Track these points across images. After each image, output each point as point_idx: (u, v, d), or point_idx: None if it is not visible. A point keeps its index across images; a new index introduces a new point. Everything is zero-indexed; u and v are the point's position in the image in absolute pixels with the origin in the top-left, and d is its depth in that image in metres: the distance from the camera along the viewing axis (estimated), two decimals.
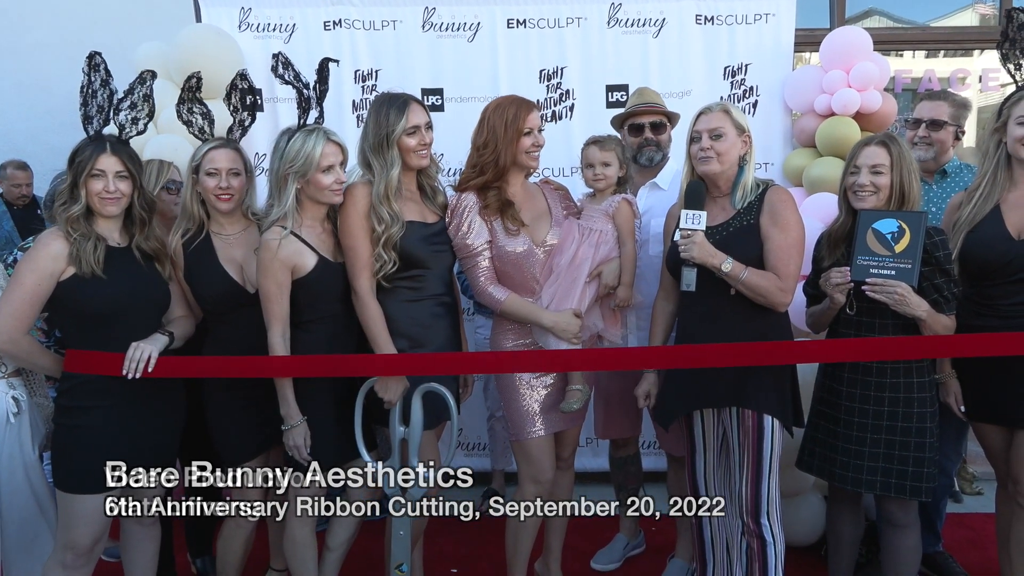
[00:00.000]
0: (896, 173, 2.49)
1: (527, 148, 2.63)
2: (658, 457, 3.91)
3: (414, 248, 2.55)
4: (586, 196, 2.95)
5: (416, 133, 2.56)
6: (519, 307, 2.66)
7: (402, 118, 2.52)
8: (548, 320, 2.62)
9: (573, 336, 2.63)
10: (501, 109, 2.63)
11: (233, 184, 2.57)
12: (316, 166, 2.45)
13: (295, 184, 2.47)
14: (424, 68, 4.07)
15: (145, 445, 2.46)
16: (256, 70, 3.98)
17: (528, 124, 2.62)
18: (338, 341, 2.55)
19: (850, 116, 3.72)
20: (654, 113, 3.15)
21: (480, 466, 4.27)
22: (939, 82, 5.45)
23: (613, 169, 2.85)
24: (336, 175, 2.49)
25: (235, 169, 2.58)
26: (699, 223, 2.48)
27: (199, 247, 2.60)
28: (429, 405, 2.53)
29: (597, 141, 2.87)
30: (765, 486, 2.53)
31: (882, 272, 2.42)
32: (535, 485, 2.73)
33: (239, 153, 2.62)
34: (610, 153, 2.84)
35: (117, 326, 2.39)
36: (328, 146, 2.48)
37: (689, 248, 2.46)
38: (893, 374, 2.51)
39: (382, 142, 2.53)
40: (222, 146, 2.60)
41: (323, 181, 2.47)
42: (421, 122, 2.56)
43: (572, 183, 3.11)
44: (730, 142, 2.52)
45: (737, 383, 2.51)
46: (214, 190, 2.56)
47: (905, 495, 2.52)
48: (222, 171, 2.56)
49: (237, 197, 2.60)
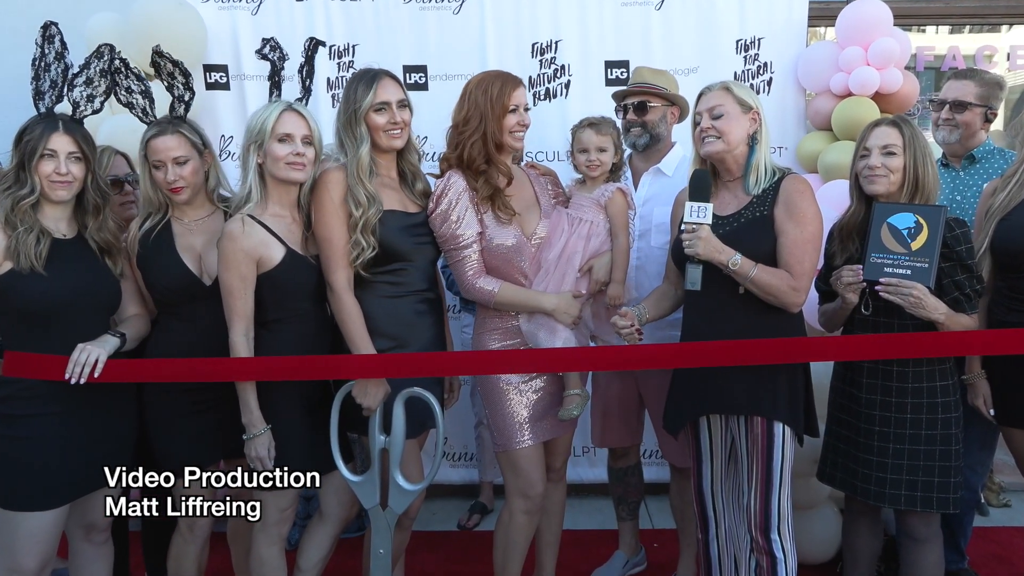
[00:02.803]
0: (909, 155, 2.51)
1: (511, 127, 2.63)
2: (661, 467, 3.93)
3: (395, 239, 2.55)
4: (576, 182, 2.95)
5: (385, 110, 2.55)
6: (515, 295, 2.66)
7: (369, 93, 2.52)
8: (550, 303, 2.63)
9: (574, 320, 2.64)
10: (485, 84, 2.62)
11: (183, 173, 2.53)
12: (271, 133, 2.44)
13: (255, 158, 2.47)
14: (406, 43, 4.05)
15: (95, 457, 2.45)
16: (221, 44, 3.98)
17: (514, 100, 2.62)
18: (307, 342, 2.54)
19: (868, 96, 3.73)
20: (641, 94, 3.14)
21: (467, 478, 4.29)
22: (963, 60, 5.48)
23: (609, 155, 2.84)
24: (293, 147, 2.47)
25: (181, 156, 2.52)
26: (705, 216, 2.47)
27: (159, 233, 2.58)
28: (412, 412, 2.52)
29: (593, 123, 2.85)
30: (775, 499, 2.54)
31: (897, 271, 2.43)
32: (524, 500, 2.73)
33: (184, 136, 2.55)
34: (606, 137, 2.83)
35: (59, 326, 2.37)
36: (287, 114, 2.47)
37: (694, 243, 2.45)
38: (915, 377, 2.52)
39: (351, 119, 2.54)
40: (162, 132, 2.53)
41: (278, 151, 2.45)
42: (392, 99, 2.56)
43: (562, 169, 3.10)
44: (733, 120, 2.52)
45: (747, 387, 2.51)
46: (163, 183, 2.53)
47: (932, 508, 2.54)
48: (166, 162, 2.51)
49: (191, 186, 2.56)
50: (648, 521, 3.97)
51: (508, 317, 2.71)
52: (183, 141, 2.54)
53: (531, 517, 2.75)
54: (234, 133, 4.00)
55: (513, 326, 2.71)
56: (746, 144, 2.56)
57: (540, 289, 2.67)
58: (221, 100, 4.03)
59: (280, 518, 2.60)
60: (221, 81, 4.02)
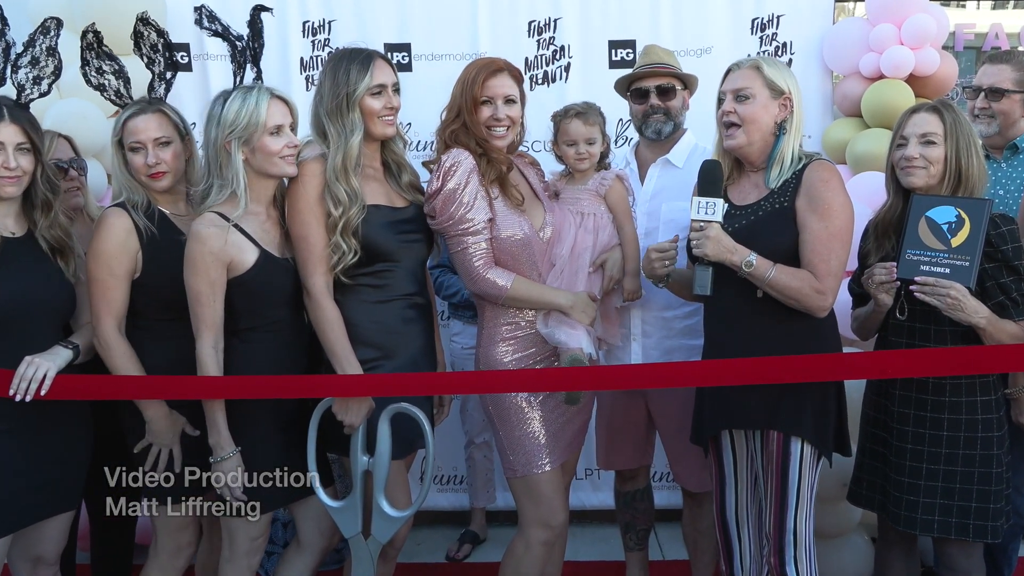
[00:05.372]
0: (951, 144, 2.52)
1: (485, 121, 2.66)
2: (672, 492, 3.95)
3: (379, 237, 2.56)
4: (560, 176, 2.98)
5: (382, 94, 2.57)
6: (528, 291, 2.67)
7: (366, 75, 2.53)
8: (567, 300, 2.65)
9: (591, 320, 2.67)
10: (466, 71, 2.68)
11: (165, 156, 2.53)
12: (262, 127, 2.44)
13: (240, 154, 2.45)
14: (388, 19, 4.07)
15: (44, 482, 2.45)
16: (181, 21, 3.97)
17: (486, 91, 2.64)
18: (284, 353, 2.55)
19: (902, 79, 3.77)
20: (661, 75, 3.15)
21: (457, 504, 4.30)
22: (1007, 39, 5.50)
23: (598, 146, 2.88)
24: (287, 138, 2.48)
25: (163, 137, 2.54)
26: (714, 213, 2.48)
27: (160, 226, 2.54)
28: (398, 429, 2.53)
29: (579, 113, 2.87)
30: (790, 522, 2.54)
31: (934, 270, 2.43)
32: (545, 530, 2.72)
33: (166, 116, 2.58)
34: (594, 127, 2.86)
35: (6, 335, 2.37)
36: (274, 103, 2.47)
37: (702, 243, 2.46)
38: (953, 391, 2.53)
39: (341, 104, 2.53)
40: (142, 111, 2.55)
41: (272, 145, 2.46)
42: (388, 81, 2.58)
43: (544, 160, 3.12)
44: (759, 105, 2.52)
45: (765, 399, 2.52)
46: (142, 168, 2.53)
47: (968, 536, 2.55)
48: (147, 143, 2.52)
49: (173, 171, 2.56)
50: (658, 551, 3.98)
51: (519, 325, 2.72)
52: (165, 121, 2.55)
53: (550, 549, 2.75)
54: (196, 119, 4.00)
55: (529, 335, 2.71)
56: (772, 134, 2.57)
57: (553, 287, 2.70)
58: (182, 82, 3.99)
59: (251, 547, 2.60)
60: (182, 61, 4.02)
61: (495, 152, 2.68)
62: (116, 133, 2.56)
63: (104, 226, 2.50)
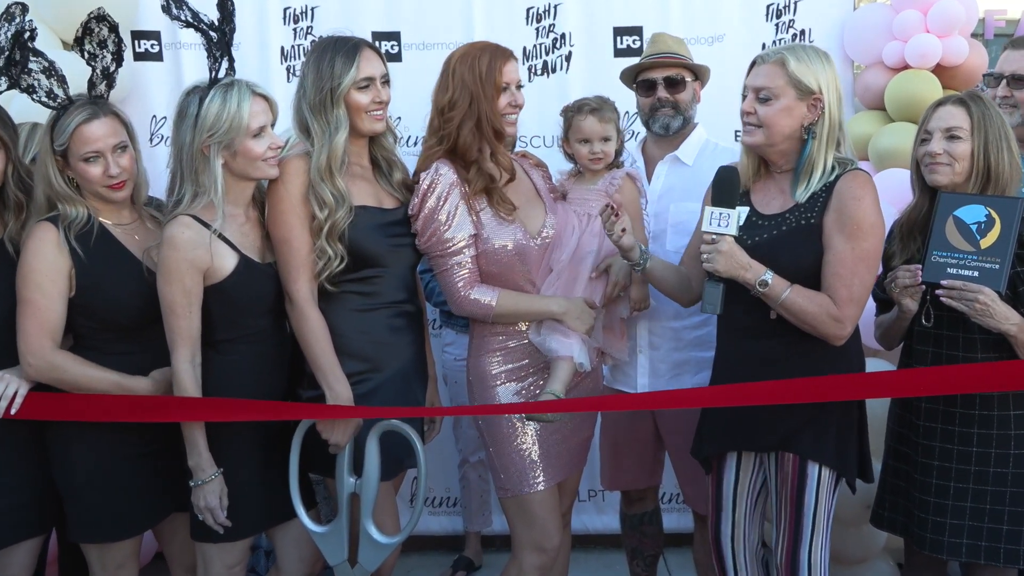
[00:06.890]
0: (979, 139, 2.51)
1: (503, 109, 2.66)
2: (683, 514, 3.95)
3: (367, 241, 2.55)
4: (569, 175, 2.98)
5: (370, 87, 2.56)
6: (515, 304, 2.67)
7: (351, 67, 2.52)
8: (558, 306, 2.65)
9: (587, 329, 2.66)
10: (469, 58, 2.65)
11: (124, 164, 2.50)
12: (245, 130, 2.42)
13: (219, 159, 2.44)
14: (375, 5, 4.06)
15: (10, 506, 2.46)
16: (153, 6, 3.96)
17: (506, 77, 2.64)
18: (264, 365, 2.55)
19: (928, 69, 3.77)
20: (669, 66, 3.14)
21: (449, 528, 4.29)
22: None
23: (612, 144, 2.87)
24: (270, 139, 2.47)
25: (121, 143, 2.50)
26: (727, 226, 2.42)
27: (98, 240, 2.50)
28: (387, 448, 2.52)
29: (594, 109, 2.87)
30: (804, 549, 2.53)
31: (962, 273, 2.43)
32: (538, 554, 2.72)
33: (119, 118, 2.53)
34: (610, 124, 2.86)
35: None
36: (255, 103, 2.46)
37: (713, 258, 2.40)
38: (983, 405, 2.53)
39: (325, 99, 2.53)
40: (94, 116, 2.46)
41: (255, 149, 2.44)
42: (376, 73, 2.57)
43: (550, 156, 3.12)
44: (781, 108, 2.44)
45: (780, 420, 2.50)
46: (102, 179, 2.47)
47: (999, 561, 2.55)
48: (105, 152, 2.46)
49: (132, 179, 2.54)
50: None
51: (510, 334, 2.72)
52: (119, 124, 2.52)
53: (544, 574, 2.75)
54: (167, 113, 4.00)
55: (522, 346, 2.72)
56: (800, 138, 2.49)
57: (548, 294, 2.69)
58: (152, 73, 4.03)
59: None
60: (153, 50, 4.02)
61: (502, 156, 2.68)
62: (59, 141, 2.45)
63: (31, 242, 2.43)
